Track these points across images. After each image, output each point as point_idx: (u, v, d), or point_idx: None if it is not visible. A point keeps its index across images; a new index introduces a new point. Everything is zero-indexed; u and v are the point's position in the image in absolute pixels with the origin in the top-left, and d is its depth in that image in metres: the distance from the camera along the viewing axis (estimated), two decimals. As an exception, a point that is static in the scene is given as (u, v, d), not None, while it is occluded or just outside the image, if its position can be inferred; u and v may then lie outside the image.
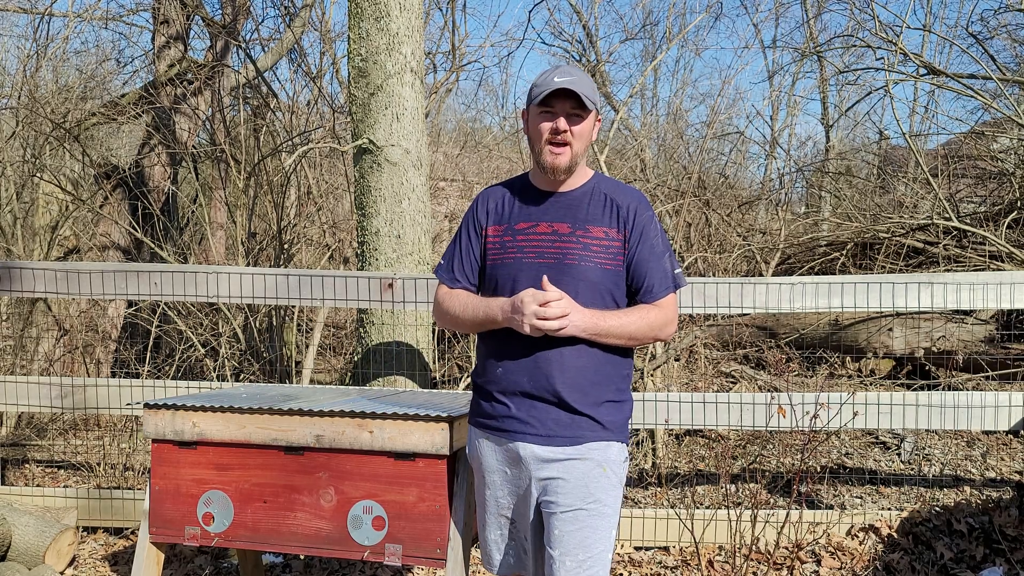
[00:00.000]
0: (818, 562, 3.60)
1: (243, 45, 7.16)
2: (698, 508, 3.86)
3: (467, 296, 2.27)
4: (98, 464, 4.62)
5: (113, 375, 6.06)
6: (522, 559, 2.30)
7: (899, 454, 4.88)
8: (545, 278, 2.09)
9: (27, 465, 4.91)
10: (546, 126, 2.13)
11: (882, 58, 6.77)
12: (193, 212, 7.43)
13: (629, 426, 2.29)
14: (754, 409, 3.69)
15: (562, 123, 2.11)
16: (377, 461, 2.56)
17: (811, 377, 5.64)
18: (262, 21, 9.76)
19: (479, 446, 2.28)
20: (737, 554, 3.39)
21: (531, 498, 2.21)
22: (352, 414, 2.57)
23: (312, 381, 5.11)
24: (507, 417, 2.18)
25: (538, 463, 2.16)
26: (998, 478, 4.49)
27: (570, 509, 2.13)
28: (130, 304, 6.25)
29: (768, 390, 5.15)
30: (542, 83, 2.12)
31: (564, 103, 2.11)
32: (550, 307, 2.05)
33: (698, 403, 3.70)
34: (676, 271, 2.24)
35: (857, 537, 3.72)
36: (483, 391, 2.26)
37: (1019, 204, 6.43)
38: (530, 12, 18.23)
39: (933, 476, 4.58)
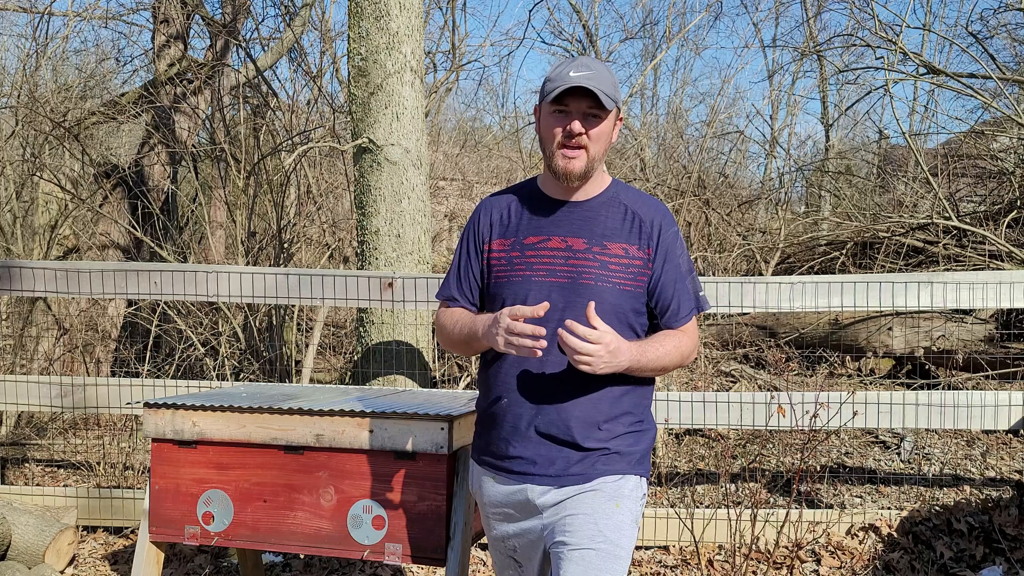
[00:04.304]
0: (818, 561, 3.60)
1: (243, 44, 7.16)
2: (698, 507, 3.86)
3: (461, 313, 2.07)
4: (98, 463, 4.62)
5: (113, 374, 6.06)
6: None
7: (899, 453, 4.88)
8: (591, 307, 1.82)
9: (27, 464, 4.91)
10: (559, 128, 1.90)
11: (882, 57, 6.77)
12: (193, 211, 7.43)
13: (649, 458, 2.06)
14: (754, 408, 3.69)
15: (577, 125, 1.88)
16: (377, 460, 2.56)
17: (811, 376, 5.64)
18: (262, 20, 9.75)
19: (481, 483, 2.09)
20: (737, 553, 3.39)
21: (540, 543, 2.02)
22: (352, 413, 2.57)
23: (312, 380, 5.11)
24: (513, 457, 1.98)
25: (546, 506, 1.96)
26: (998, 477, 4.49)
27: (577, 548, 1.90)
28: (130, 303, 6.25)
29: (768, 389, 5.15)
30: (556, 77, 1.87)
31: (580, 102, 1.88)
32: (593, 346, 1.79)
33: (698, 402, 3.70)
34: (700, 292, 2.06)
35: (857, 536, 3.72)
36: (485, 426, 2.06)
37: (1019, 203, 6.43)
38: (530, 11, 18.30)
39: (933, 475, 4.58)
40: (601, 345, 1.80)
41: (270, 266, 5.39)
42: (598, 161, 1.96)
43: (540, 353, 1.83)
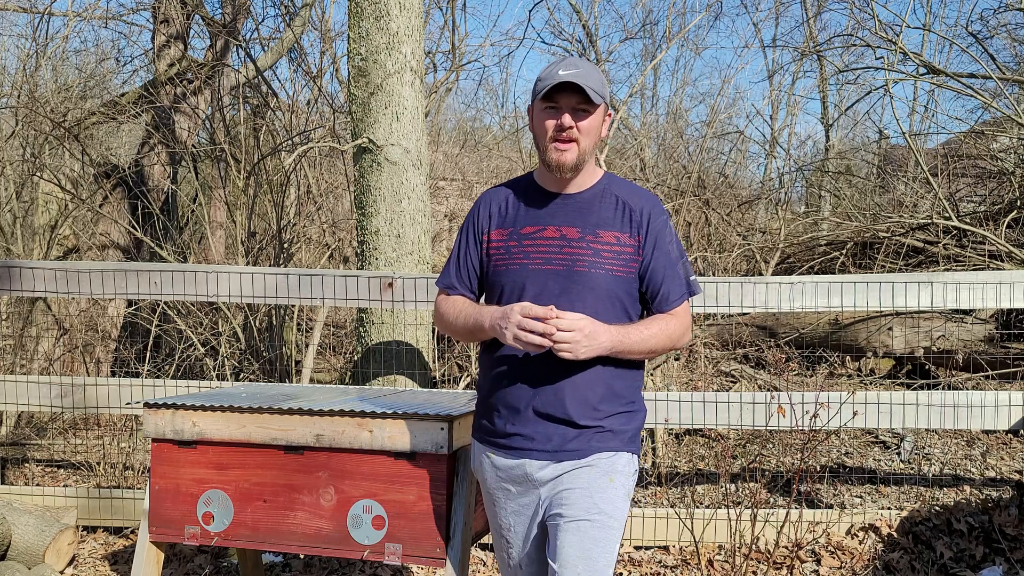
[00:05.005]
0: (818, 561, 3.60)
1: (243, 44, 7.16)
2: (698, 507, 3.86)
3: (463, 303, 2.18)
4: (98, 463, 4.62)
5: (113, 374, 6.05)
6: None
7: (899, 453, 4.88)
8: (553, 307, 1.94)
9: (27, 464, 4.91)
10: (550, 123, 2.02)
11: (882, 57, 6.77)
12: (193, 211, 7.43)
13: (641, 436, 2.18)
14: (754, 408, 3.69)
15: (567, 119, 2.00)
16: (377, 460, 2.56)
17: (811, 376, 5.64)
18: (262, 20, 9.75)
19: (483, 461, 2.19)
20: (737, 553, 3.39)
21: (536, 517, 2.14)
22: (352, 413, 2.57)
23: (312, 380, 5.11)
24: (513, 434, 2.09)
25: (544, 480, 2.09)
26: (998, 477, 4.49)
27: (574, 520, 2.04)
28: (130, 303, 6.24)
29: (768, 389, 5.15)
30: (546, 76, 2.00)
31: (569, 97, 1.99)
32: (567, 333, 1.91)
33: (698, 402, 3.70)
34: (691, 278, 2.15)
35: (857, 536, 3.72)
36: (487, 406, 2.17)
37: (1019, 203, 6.43)
38: (530, 11, 18.28)
39: (933, 475, 4.58)
40: (576, 331, 1.93)
41: (270, 266, 5.39)
42: (589, 154, 2.07)
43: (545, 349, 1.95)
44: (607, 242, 2.06)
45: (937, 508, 3.80)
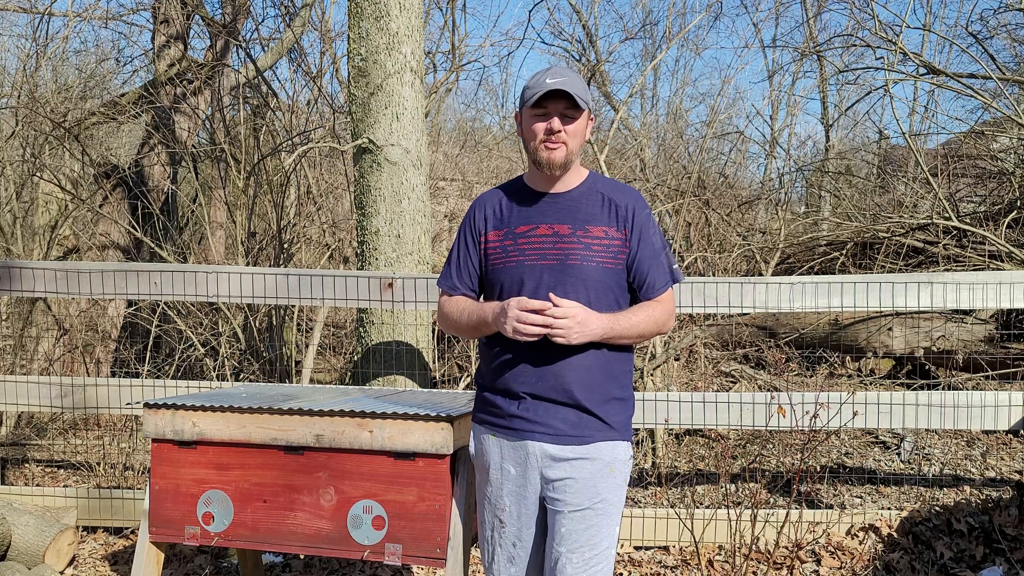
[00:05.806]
0: (818, 561, 3.60)
1: (243, 44, 7.16)
2: (698, 508, 3.86)
3: (465, 302, 2.31)
4: (98, 464, 4.62)
5: (113, 375, 6.06)
6: (510, 563, 2.29)
7: (899, 454, 4.88)
8: (552, 295, 2.10)
9: (27, 465, 4.91)
10: (540, 127, 2.16)
11: (882, 57, 6.77)
12: (193, 212, 7.43)
13: (632, 424, 2.34)
14: (754, 409, 3.69)
15: (556, 123, 2.14)
16: (377, 461, 2.56)
17: (811, 377, 5.64)
18: (262, 21, 9.76)
19: (484, 443, 2.29)
20: (737, 554, 3.39)
21: (534, 496, 2.23)
22: (352, 414, 2.57)
23: (312, 381, 5.11)
24: (515, 416, 2.20)
25: (547, 462, 2.19)
26: (998, 478, 4.49)
27: (578, 509, 2.17)
28: (130, 304, 6.25)
29: (768, 390, 5.15)
30: (534, 85, 2.15)
31: (557, 104, 2.14)
32: (561, 320, 2.06)
33: (698, 403, 3.70)
34: (674, 266, 2.30)
35: (857, 537, 3.72)
36: (489, 390, 2.27)
37: (1019, 203, 6.43)
38: (530, 12, 18.26)
39: (933, 476, 4.58)
40: (569, 318, 2.07)
41: (270, 266, 5.39)
42: (575, 155, 2.22)
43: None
44: (596, 236, 2.20)
45: (937, 508, 3.80)
